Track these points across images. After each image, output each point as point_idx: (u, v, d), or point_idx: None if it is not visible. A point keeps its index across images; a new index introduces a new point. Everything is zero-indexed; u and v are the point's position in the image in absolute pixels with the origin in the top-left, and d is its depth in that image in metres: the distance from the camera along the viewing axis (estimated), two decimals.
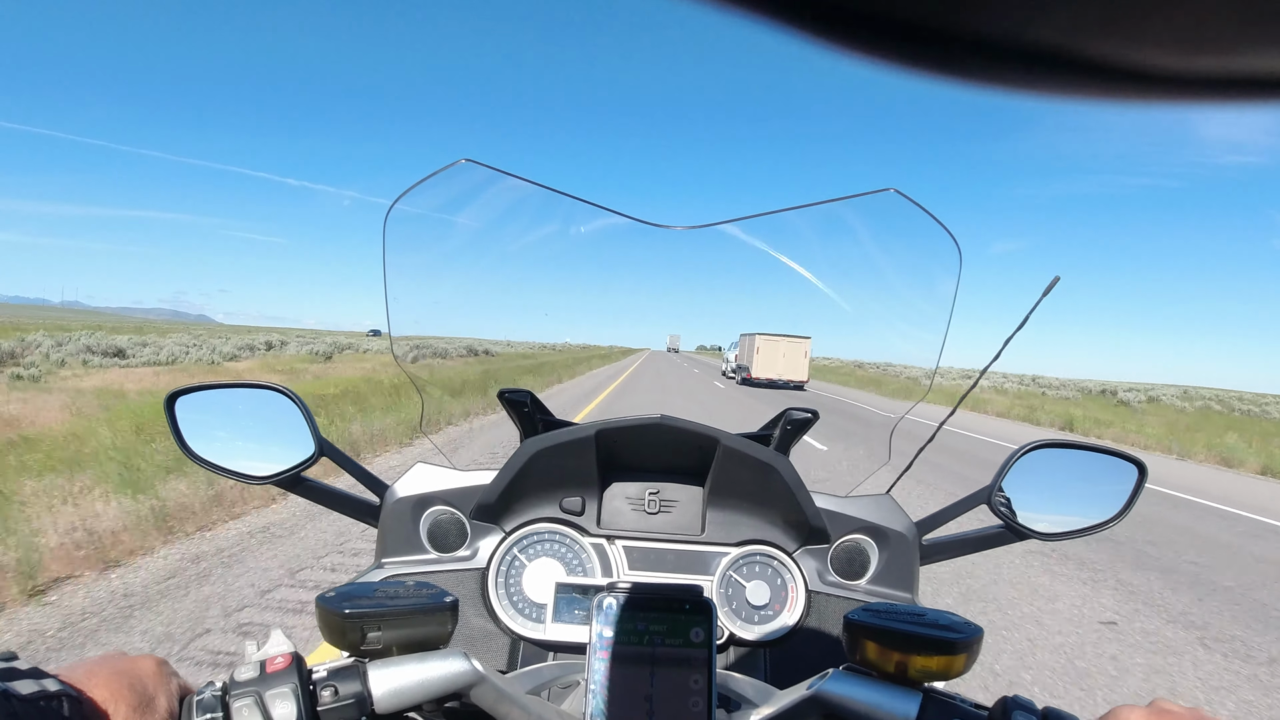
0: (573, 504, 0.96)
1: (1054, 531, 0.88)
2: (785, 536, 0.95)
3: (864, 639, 0.56)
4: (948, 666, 0.53)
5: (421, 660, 0.55)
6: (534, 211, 0.99)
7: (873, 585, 0.95)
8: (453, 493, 0.95)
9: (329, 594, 0.56)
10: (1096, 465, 0.91)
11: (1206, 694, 2.80)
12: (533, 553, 0.94)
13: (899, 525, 0.96)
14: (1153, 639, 3.34)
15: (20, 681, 0.41)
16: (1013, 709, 0.50)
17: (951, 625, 0.55)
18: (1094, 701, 2.62)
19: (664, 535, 0.96)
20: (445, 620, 0.57)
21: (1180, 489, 8.31)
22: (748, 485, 0.94)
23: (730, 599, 0.93)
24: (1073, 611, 3.60)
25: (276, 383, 0.89)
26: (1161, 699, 0.49)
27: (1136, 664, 3.03)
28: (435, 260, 1.03)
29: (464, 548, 0.94)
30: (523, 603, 0.91)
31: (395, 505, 0.94)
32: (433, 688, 0.54)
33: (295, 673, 0.50)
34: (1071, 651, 3.08)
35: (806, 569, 0.94)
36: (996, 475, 0.89)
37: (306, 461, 0.86)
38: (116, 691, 0.46)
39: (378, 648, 0.54)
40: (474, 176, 0.95)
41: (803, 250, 1.02)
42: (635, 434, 0.91)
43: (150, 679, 0.49)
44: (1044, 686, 2.70)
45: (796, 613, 0.91)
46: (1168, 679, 2.90)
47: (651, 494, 0.98)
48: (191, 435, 0.85)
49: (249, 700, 0.49)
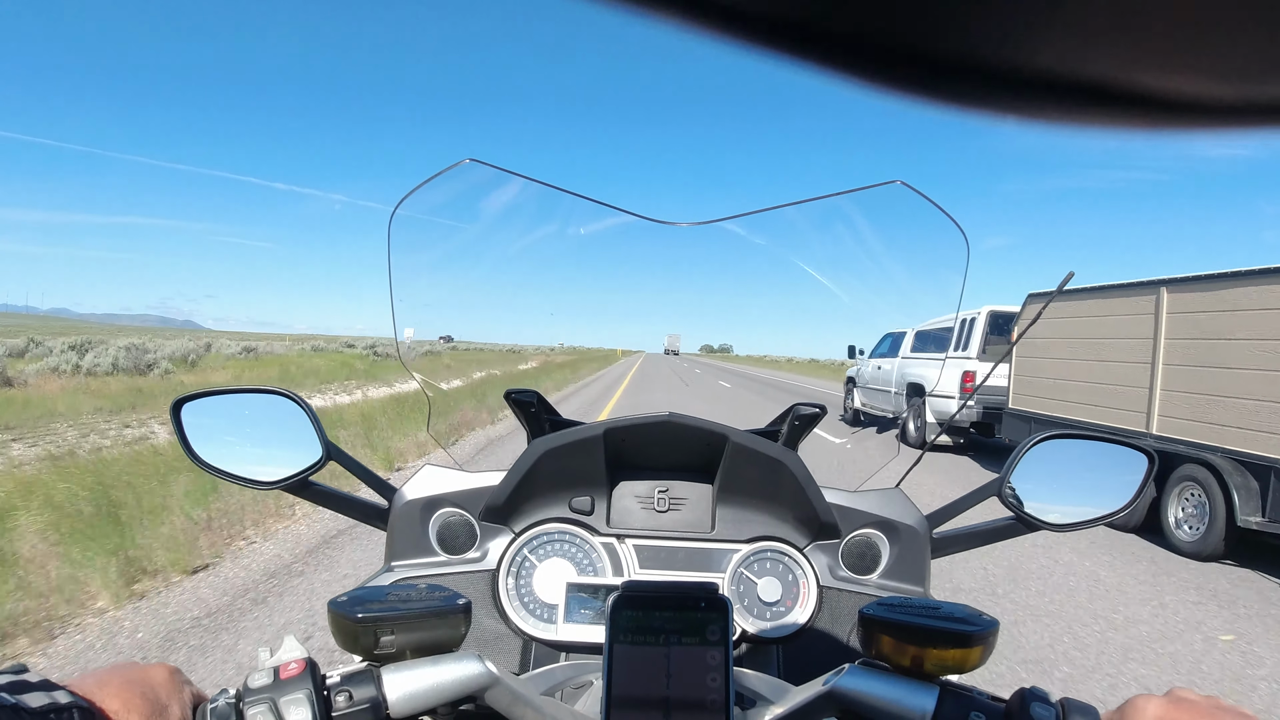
0: (582, 503, 0.95)
1: (1064, 522, 0.88)
2: (796, 532, 0.95)
3: (879, 633, 0.55)
4: (964, 659, 0.53)
5: (435, 663, 0.54)
6: (539, 210, 0.99)
7: (884, 579, 0.94)
8: (461, 494, 0.95)
9: (341, 598, 0.56)
10: (1106, 456, 0.91)
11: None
12: (543, 553, 0.94)
13: (910, 519, 0.95)
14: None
15: (30, 694, 0.40)
16: (1030, 700, 0.50)
17: (967, 618, 0.55)
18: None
19: (674, 533, 0.96)
20: (458, 623, 0.56)
21: None
22: (757, 482, 0.93)
23: (742, 596, 0.92)
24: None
25: (282, 387, 0.89)
26: (1180, 688, 0.49)
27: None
28: (440, 261, 1.03)
29: (473, 549, 0.94)
30: (534, 603, 0.91)
31: (404, 508, 0.94)
32: (447, 691, 0.54)
33: (309, 679, 0.50)
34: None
35: (818, 564, 0.93)
36: (1006, 467, 0.89)
37: (314, 466, 0.85)
38: (129, 702, 0.45)
39: (391, 652, 0.54)
40: (478, 176, 0.94)
41: (809, 246, 1.02)
42: (643, 432, 0.91)
43: (163, 688, 0.49)
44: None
45: (808, 609, 0.91)
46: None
47: (661, 492, 0.97)
48: (198, 441, 0.84)
49: (263, 707, 0.48)
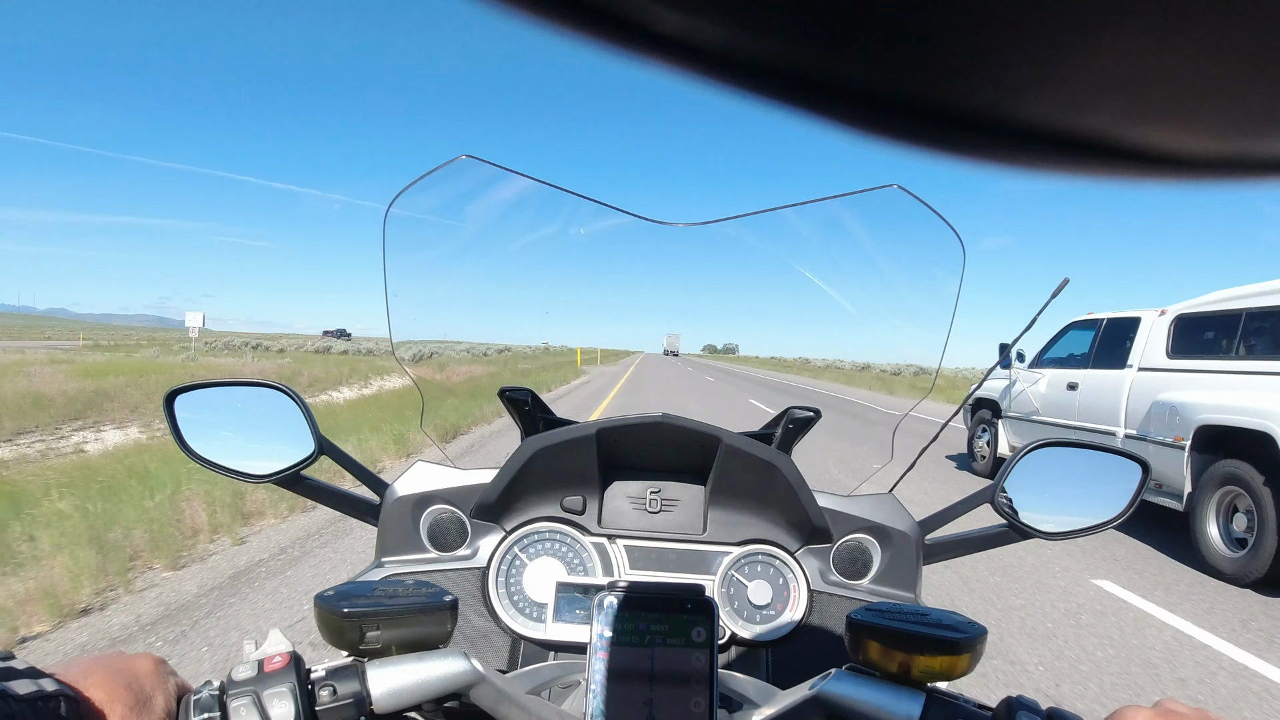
0: (574, 503, 0.95)
1: (1057, 530, 0.88)
2: (787, 536, 0.95)
3: (867, 639, 0.55)
4: (951, 667, 0.53)
5: (421, 660, 0.54)
6: (535, 208, 0.98)
7: (875, 585, 0.94)
8: (453, 491, 0.95)
9: (327, 593, 0.56)
10: (1100, 464, 0.91)
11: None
12: (533, 552, 0.93)
13: (901, 525, 0.95)
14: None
15: (17, 681, 0.40)
16: (1017, 709, 0.50)
17: (955, 625, 0.55)
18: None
19: (665, 534, 0.96)
20: (445, 620, 0.56)
21: None
22: (750, 484, 0.93)
23: (732, 598, 0.92)
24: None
25: (276, 381, 0.89)
26: (1168, 699, 0.48)
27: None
28: (435, 259, 1.02)
29: (464, 547, 0.94)
30: (523, 602, 0.91)
31: (395, 504, 0.94)
32: (432, 687, 0.54)
33: (293, 672, 0.50)
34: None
35: (809, 568, 0.93)
36: (1000, 474, 0.88)
37: (306, 460, 0.85)
38: (113, 691, 0.45)
39: (377, 647, 0.54)
40: (475, 173, 0.94)
41: (805, 247, 1.02)
42: (636, 432, 0.91)
43: (147, 678, 0.49)
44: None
45: (798, 612, 0.91)
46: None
47: (653, 493, 0.97)
48: (191, 434, 0.84)
49: (246, 700, 0.48)
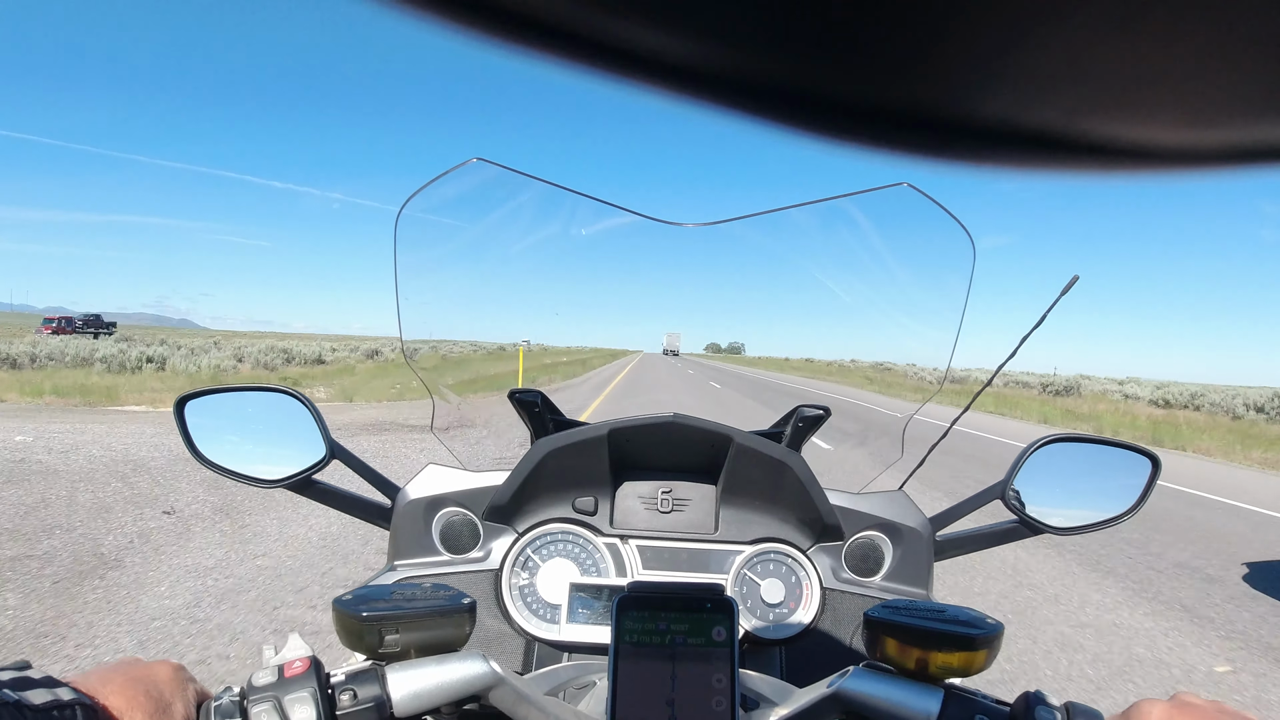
0: (585, 504, 0.95)
1: (1068, 526, 0.88)
2: (799, 534, 0.95)
3: (884, 636, 0.55)
4: (969, 662, 0.53)
5: (440, 663, 0.54)
6: (546, 210, 0.99)
7: (887, 582, 0.94)
8: (465, 494, 0.95)
9: (345, 597, 0.56)
10: (1110, 459, 0.91)
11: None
12: (546, 553, 0.93)
13: (913, 521, 0.95)
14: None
15: (33, 691, 0.40)
16: (1035, 704, 0.50)
17: (972, 621, 0.55)
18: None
19: (677, 534, 0.96)
20: (463, 622, 0.56)
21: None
22: (761, 483, 0.93)
23: (745, 597, 0.92)
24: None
25: (287, 386, 0.89)
26: (1184, 692, 0.49)
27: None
28: (446, 260, 1.03)
29: (477, 549, 0.94)
30: (537, 603, 0.91)
31: (407, 507, 0.94)
32: (451, 690, 0.54)
33: (314, 677, 0.50)
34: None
35: (821, 566, 0.93)
36: (1010, 470, 0.88)
37: (318, 464, 0.85)
38: (132, 699, 0.45)
39: (395, 650, 0.54)
40: (485, 175, 0.94)
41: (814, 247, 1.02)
42: (648, 433, 0.91)
43: (166, 685, 0.49)
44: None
45: (811, 610, 0.91)
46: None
47: (664, 493, 0.97)
48: (201, 440, 0.84)
49: (267, 705, 0.48)
